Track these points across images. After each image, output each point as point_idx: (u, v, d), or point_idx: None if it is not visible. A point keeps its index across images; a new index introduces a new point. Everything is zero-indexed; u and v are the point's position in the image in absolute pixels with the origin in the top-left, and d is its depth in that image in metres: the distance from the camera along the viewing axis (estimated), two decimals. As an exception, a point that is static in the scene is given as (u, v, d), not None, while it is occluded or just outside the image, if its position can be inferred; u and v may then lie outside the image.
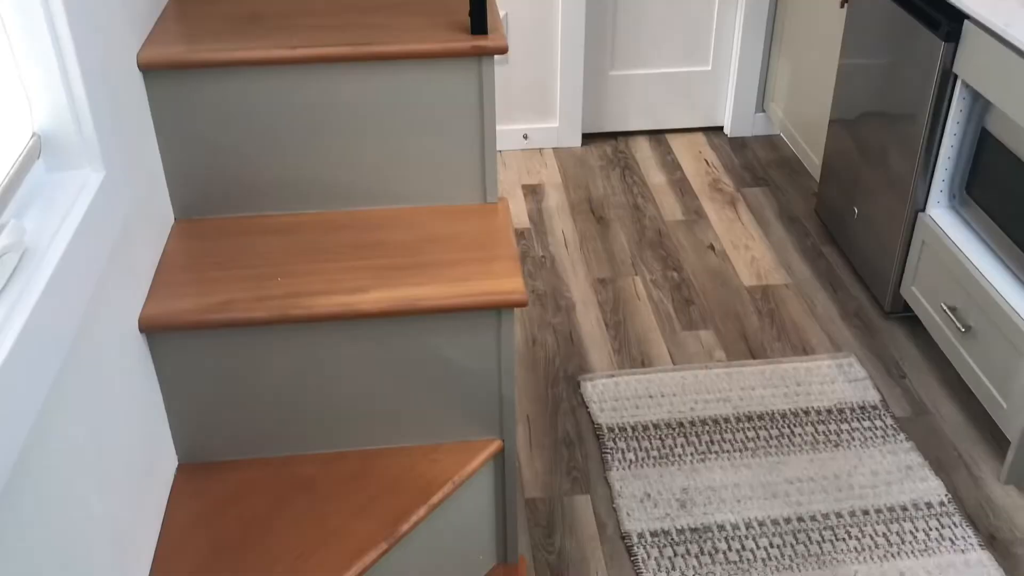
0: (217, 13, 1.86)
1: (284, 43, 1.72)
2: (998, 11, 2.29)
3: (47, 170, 1.43)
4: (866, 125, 2.86)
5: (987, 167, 2.44)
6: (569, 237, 3.18)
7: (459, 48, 1.72)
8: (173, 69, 1.70)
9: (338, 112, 1.77)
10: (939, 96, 2.48)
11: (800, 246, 3.13)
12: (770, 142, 3.74)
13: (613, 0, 3.52)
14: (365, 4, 1.89)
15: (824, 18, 3.15)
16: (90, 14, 1.44)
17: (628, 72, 3.67)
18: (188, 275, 1.69)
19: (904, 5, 2.61)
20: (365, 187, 1.85)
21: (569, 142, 3.72)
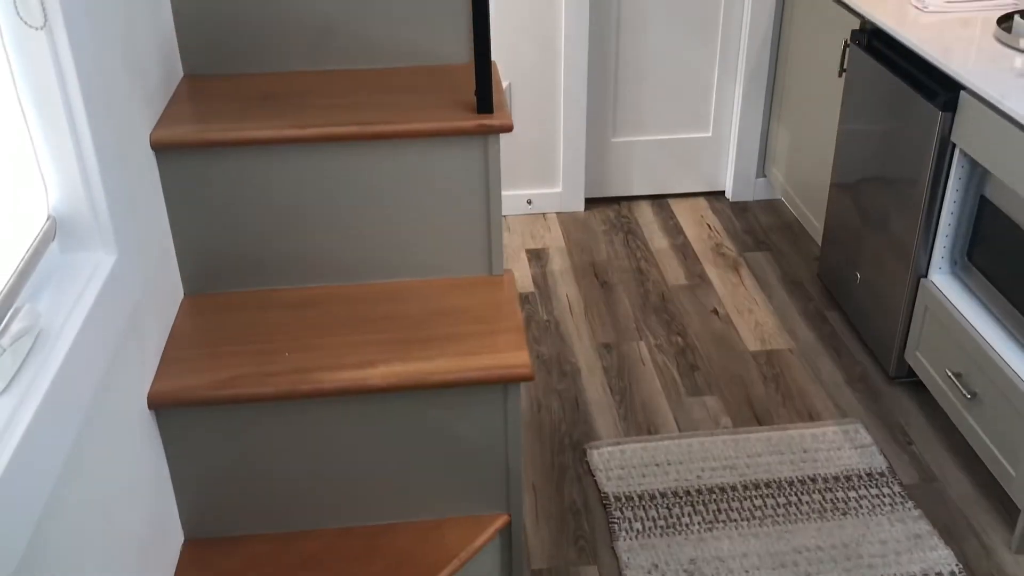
0: (229, 92, 1.90)
1: (295, 122, 1.76)
2: (993, 82, 2.33)
3: (61, 251, 1.46)
4: (866, 190, 2.89)
5: (987, 234, 2.47)
6: (573, 301, 3.20)
7: (465, 127, 1.76)
8: (185, 148, 1.73)
9: (347, 188, 1.80)
10: (938, 164, 2.52)
11: (803, 310, 3.14)
12: (772, 206, 3.78)
13: (614, 69, 3.58)
14: (374, 83, 1.94)
15: (822, 85, 3.20)
16: (106, 97, 1.48)
17: (630, 139, 3.72)
18: (197, 351, 1.71)
19: (901, 75, 2.66)
20: (373, 261, 1.87)
21: (572, 207, 3.76)
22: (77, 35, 1.36)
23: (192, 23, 1.92)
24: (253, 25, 1.94)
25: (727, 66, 3.63)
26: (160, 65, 1.82)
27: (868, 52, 2.84)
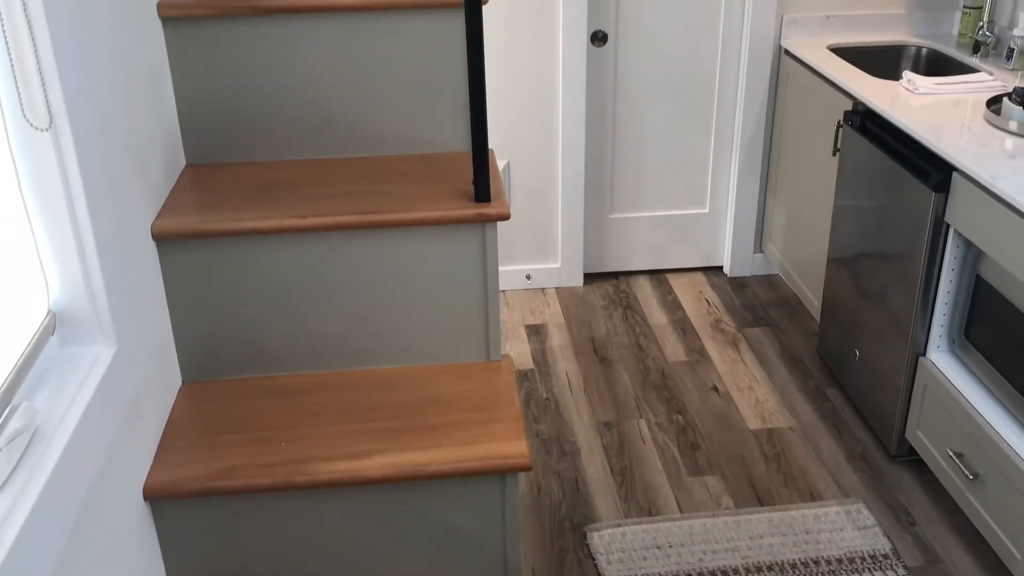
0: (231, 181, 1.93)
1: (295, 212, 1.78)
2: (985, 164, 2.36)
3: (60, 345, 1.46)
4: (863, 267, 2.91)
5: (984, 313, 2.47)
6: (573, 378, 3.20)
7: (463, 215, 1.78)
8: (186, 238, 1.75)
9: (346, 276, 1.82)
10: (933, 243, 2.54)
11: (803, 387, 3.14)
12: (769, 282, 3.80)
13: (611, 146, 3.63)
14: (374, 171, 1.97)
15: (817, 163, 3.25)
16: (109, 190, 1.50)
17: (628, 215, 3.76)
18: (193, 440, 1.70)
19: (894, 155, 2.70)
20: (371, 347, 1.88)
21: (571, 282, 3.78)
22: (82, 134, 1.39)
23: (196, 114, 1.96)
24: (256, 115, 1.97)
25: (722, 143, 3.68)
26: (163, 155, 1.86)
27: (861, 133, 2.89)
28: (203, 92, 1.94)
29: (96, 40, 1.51)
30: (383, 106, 2.00)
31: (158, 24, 1.86)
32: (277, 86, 1.96)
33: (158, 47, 1.86)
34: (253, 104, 1.97)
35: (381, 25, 1.93)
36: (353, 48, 1.94)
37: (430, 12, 1.92)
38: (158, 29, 1.86)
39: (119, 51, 1.62)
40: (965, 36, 3.32)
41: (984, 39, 3.18)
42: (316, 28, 1.92)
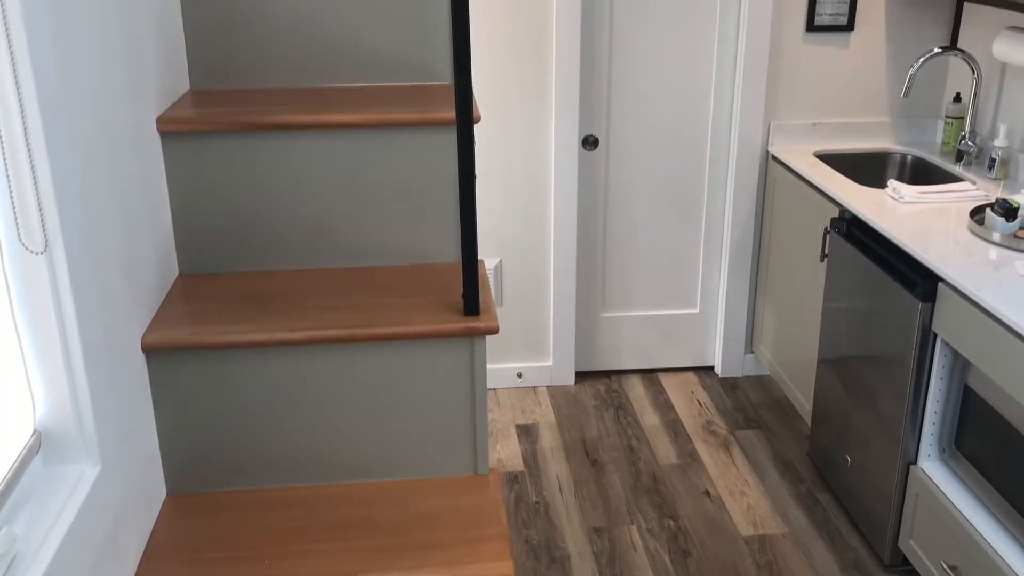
0: (223, 291, 1.95)
1: (286, 325, 1.79)
2: (970, 275, 2.39)
3: (44, 464, 1.46)
4: (853, 370, 2.92)
5: (974, 422, 2.47)
6: (564, 481, 3.17)
7: (452, 329, 1.79)
8: (176, 351, 1.76)
9: (334, 389, 1.82)
10: (921, 352, 2.55)
11: (795, 492, 3.11)
12: (761, 383, 3.80)
13: (602, 246, 3.68)
14: (364, 282, 1.99)
15: (805, 266, 3.29)
16: (100, 307, 1.51)
17: (619, 313, 3.78)
18: (177, 557, 1.68)
19: (881, 263, 2.73)
20: (358, 462, 1.87)
21: (563, 380, 3.78)
22: (76, 255, 1.41)
23: (190, 225, 1.98)
24: (250, 227, 2.00)
25: (712, 245, 3.73)
26: (156, 266, 1.88)
27: (848, 240, 2.93)
28: (198, 204, 1.97)
29: (94, 159, 1.54)
30: (375, 218, 2.03)
31: (156, 138, 1.90)
32: (271, 198, 1.99)
33: (156, 161, 1.89)
34: (247, 216, 2.00)
35: (374, 141, 1.97)
36: (346, 162, 1.98)
37: (422, 129, 1.97)
38: (156, 143, 1.90)
39: (117, 167, 1.65)
40: (948, 145, 3.40)
41: (967, 148, 3.25)
42: (310, 143, 1.96)
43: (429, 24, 2.16)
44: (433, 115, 1.95)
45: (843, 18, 3.43)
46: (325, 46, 2.16)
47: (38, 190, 1.33)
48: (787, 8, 3.41)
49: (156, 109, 1.91)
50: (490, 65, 3.35)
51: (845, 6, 3.42)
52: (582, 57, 3.42)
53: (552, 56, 3.36)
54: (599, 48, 3.44)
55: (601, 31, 3.41)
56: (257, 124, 1.92)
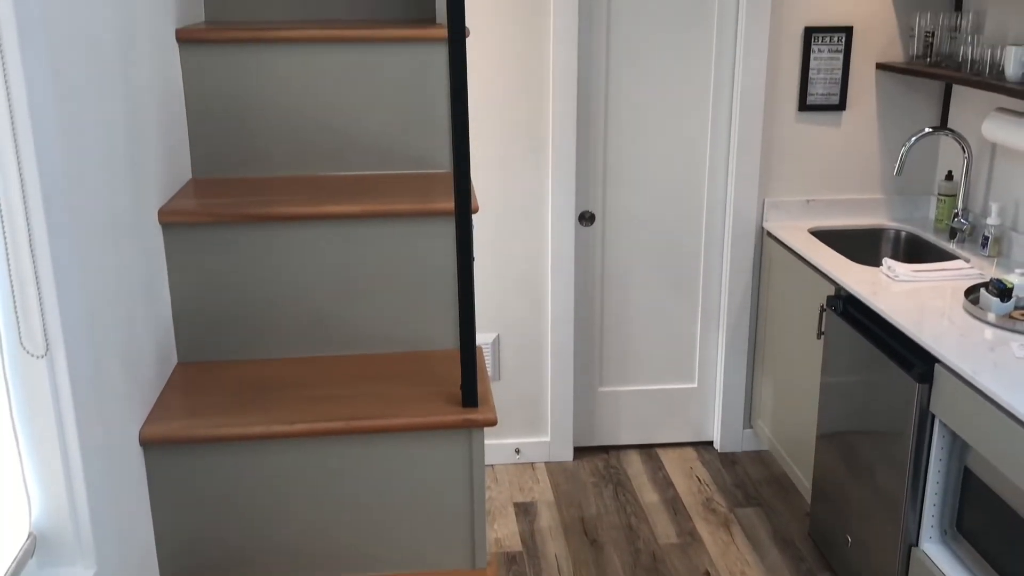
0: (221, 381, 1.95)
1: (283, 418, 1.79)
2: (967, 357, 2.40)
3: (39, 566, 1.45)
4: (852, 447, 2.91)
5: (974, 504, 2.46)
6: (562, 562, 3.13)
7: (450, 421, 1.79)
8: (173, 444, 1.76)
9: (331, 481, 1.81)
10: (919, 432, 2.55)
11: (796, 572, 3.08)
12: (760, 458, 3.78)
13: (599, 320, 3.69)
14: (363, 370, 1.99)
15: (802, 343, 3.30)
16: (98, 405, 1.51)
17: (617, 388, 3.78)
18: (170, 656, 1.65)
19: (877, 343, 2.74)
20: (354, 555, 1.85)
21: (561, 456, 3.76)
22: (76, 356, 1.42)
23: (190, 315, 1.99)
24: (249, 315, 2.01)
25: (709, 320, 3.74)
26: (156, 357, 1.88)
27: (844, 318, 2.94)
28: (198, 293, 1.98)
29: (96, 256, 1.56)
30: (374, 306, 2.04)
31: (158, 230, 1.92)
32: (271, 288, 2.00)
33: (157, 252, 1.91)
34: (246, 304, 2.01)
35: (373, 231, 1.99)
36: (345, 252, 2.00)
37: (421, 219, 1.99)
38: (158, 235, 1.92)
39: (118, 261, 1.67)
40: (942, 222, 3.44)
41: (960, 226, 3.29)
42: (309, 234, 1.98)
43: (428, 113, 2.20)
44: (432, 206, 1.97)
45: (835, 98, 3.50)
46: (326, 135, 2.19)
47: (40, 293, 1.34)
48: (779, 87, 3.47)
49: (158, 200, 1.94)
50: (488, 141, 3.40)
51: (836, 86, 3.48)
52: (578, 134, 3.47)
53: (549, 133, 3.42)
54: (595, 125, 3.49)
55: (597, 109, 3.47)
56: (256, 216, 1.95)
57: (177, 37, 2.10)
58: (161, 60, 1.98)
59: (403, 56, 2.16)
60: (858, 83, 3.49)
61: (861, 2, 3.42)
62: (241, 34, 2.12)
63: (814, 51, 3.44)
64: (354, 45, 2.15)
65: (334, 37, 2.14)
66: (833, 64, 3.46)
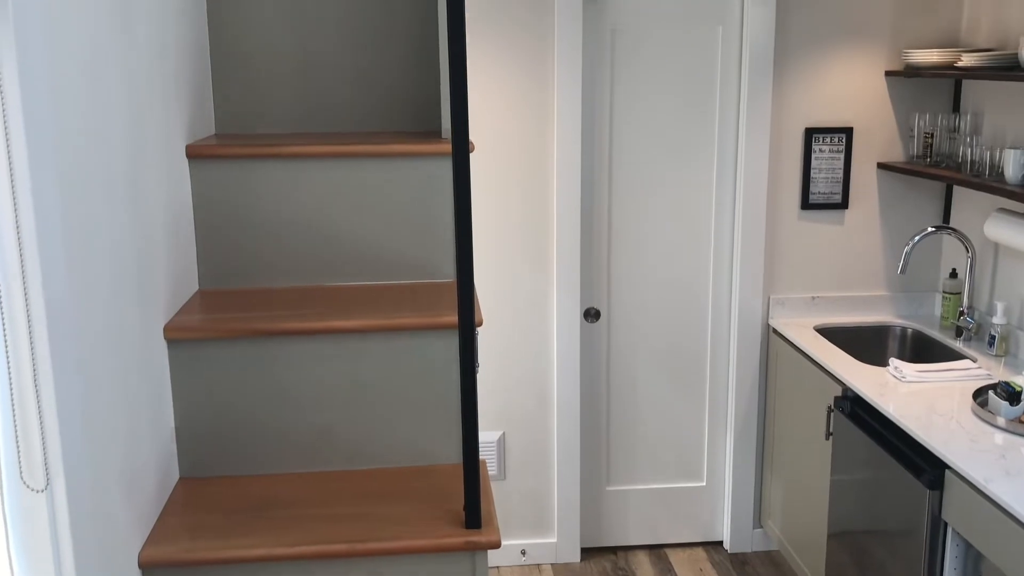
0: (224, 499, 1.93)
1: (286, 540, 1.77)
2: (978, 463, 2.37)
3: None
4: (864, 548, 2.85)
5: (992, 617, 2.40)
6: (570, 670, 3.06)
7: (453, 544, 1.77)
8: (173, 567, 1.73)
9: (332, 604, 1.78)
10: (932, 538, 2.50)
11: None
12: (771, 559, 3.71)
13: (606, 419, 3.67)
14: (367, 488, 1.97)
15: (810, 442, 3.26)
16: (97, 531, 1.50)
17: (624, 487, 3.73)
18: None
19: (886, 447, 2.71)
20: None
21: (568, 557, 3.69)
22: (76, 488, 1.41)
23: (193, 431, 1.99)
24: (252, 429, 2.01)
25: (717, 417, 3.71)
26: (157, 473, 1.87)
27: (852, 419, 2.92)
28: (202, 409, 1.98)
29: (100, 379, 1.56)
30: (378, 421, 2.03)
31: (163, 346, 1.93)
32: (275, 402, 2.00)
33: (161, 368, 1.91)
34: (250, 419, 2.00)
35: (377, 345, 2.00)
36: (350, 366, 2.00)
37: (425, 334, 2.00)
38: (163, 351, 1.93)
39: (122, 381, 1.67)
40: (947, 320, 3.43)
41: (965, 324, 3.28)
42: (314, 348, 1.99)
43: (432, 224, 2.23)
44: (436, 320, 1.98)
45: (836, 196, 3.53)
46: (332, 246, 2.22)
47: (43, 426, 1.34)
48: (781, 186, 3.51)
49: (164, 316, 1.95)
50: (492, 239, 3.43)
51: (838, 185, 3.52)
52: (582, 231, 3.50)
53: (553, 231, 3.45)
54: (599, 223, 3.52)
55: (600, 207, 3.51)
56: (262, 331, 1.95)
57: (187, 153, 2.14)
58: (171, 176, 2.02)
59: (408, 170, 2.20)
60: (860, 182, 3.53)
61: (860, 103, 3.47)
62: (249, 150, 2.16)
63: (815, 151, 3.49)
64: (360, 160, 2.18)
65: (340, 152, 2.18)
66: (834, 163, 3.50)
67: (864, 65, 3.45)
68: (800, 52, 3.43)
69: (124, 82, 1.73)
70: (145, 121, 1.85)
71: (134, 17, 1.81)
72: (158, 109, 1.94)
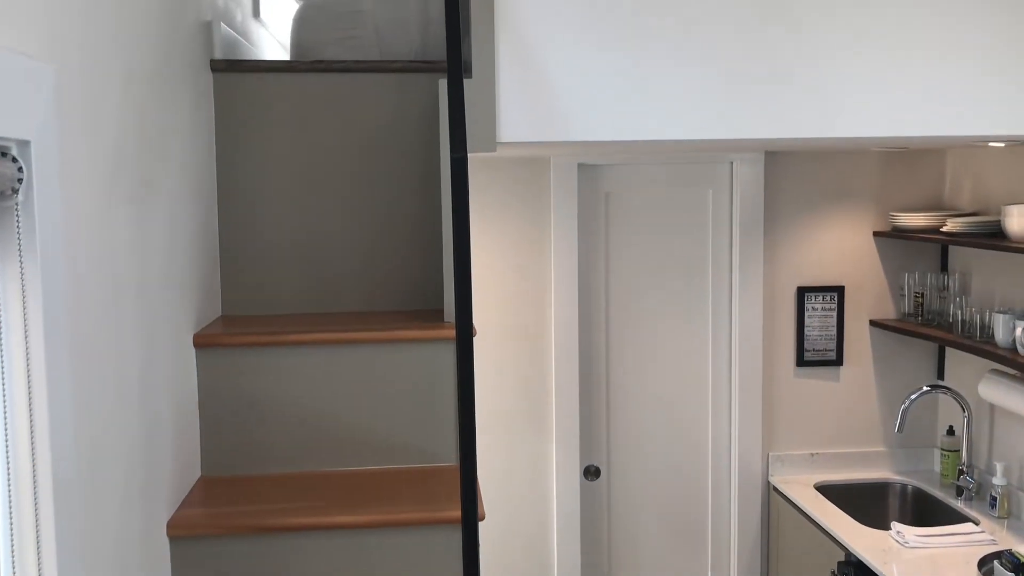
0: None
1: None
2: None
3: None
4: None
5: None
6: None
7: None
8: None
9: None
10: None
11: None
12: None
13: (607, 574, 3.63)
14: None
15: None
16: None
17: (628, 650, 3.66)
18: None
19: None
20: None
21: None
22: None
23: None
24: None
25: (719, 575, 3.66)
26: None
27: (857, 589, 2.89)
28: None
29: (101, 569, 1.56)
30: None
31: (165, 543, 1.93)
32: (276, 597, 1.98)
33: (163, 564, 1.91)
34: None
35: (378, 539, 1.99)
36: (350, 561, 1.99)
37: (423, 529, 2.00)
38: (165, 548, 1.92)
39: None
40: (947, 477, 3.43)
41: (966, 484, 3.28)
42: (315, 543, 1.98)
43: (434, 408, 2.25)
44: (437, 515, 1.99)
45: (831, 353, 3.58)
46: (334, 432, 2.23)
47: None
48: (777, 343, 3.56)
49: (168, 510, 1.95)
50: (491, 398, 3.45)
51: (832, 342, 3.57)
52: (581, 391, 3.52)
53: (552, 392, 3.47)
54: (597, 382, 3.55)
55: (599, 367, 3.55)
56: (264, 527, 1.96)
57: (195, 342, 2.18)
58: (178, 367, 2.05)
59: (411, 354, 2.24)
60: (853, 339, 3.58)
61: (851, 262, 3.56)
62: (254, 338, 2.20)
63: (808, 309, 3.56)
64: (363, 346, 2.23)
65: (343, 340, 2.22)
66: (827, 321, 3.56)
67: (853, 226, 3.55)
68: (790, 213, 3.53)
69: (136, 279, 1.78)
70: (156, 315, 1.90)
71: (150, 213, 1.87)
72: (168, 302, 1.99)
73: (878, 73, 2.32)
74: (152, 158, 1.90)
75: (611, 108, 2.25)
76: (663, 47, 2.22)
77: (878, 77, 2.32)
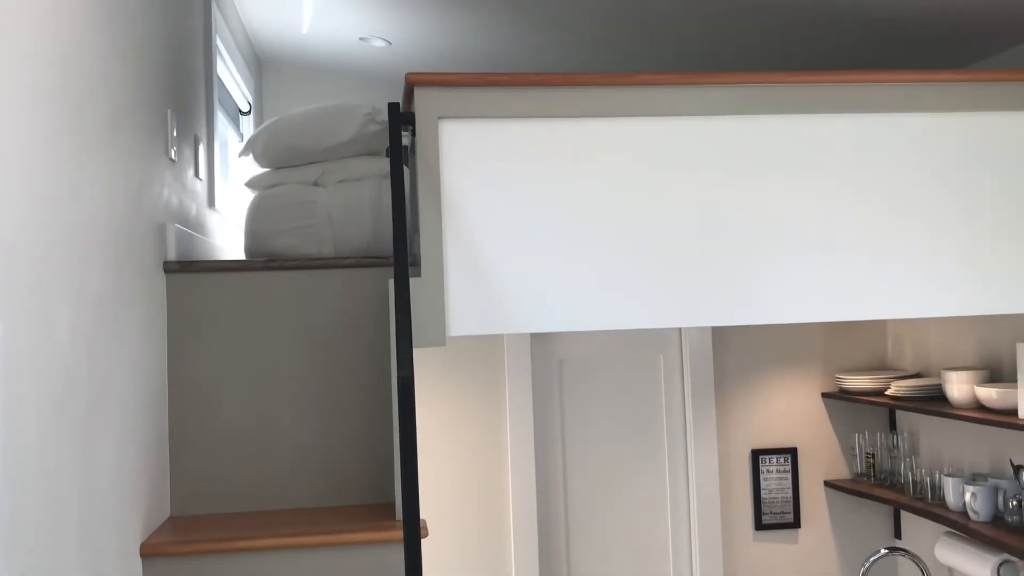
0: None
1: None
2: None
3: None
4: None
5: None
6: None
7: None
8: None
9: None
10: None
11: None
12: None
13: None
14: None
15: None
16: None
17: None
18: None
19: None
20: None
21: None
22: None
23: None
24: None
25: None
26: None
27: None
28: None
29: None
30: None
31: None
32: None
33: None
34: None
35: None
36: None
37: None
38: None
39: None
40: (911, 642, 3.39)
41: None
42: None
43: None
44: None
45: (788, 516, 3.58)
46: None
47: None
48: (734, 506, 3.56)
49: None
50: None
51: (789, 504, 3.58)
52: (540, 560, 3.47)
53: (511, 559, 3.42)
54: (557, 550, 3.51)
55: (558, 533, 3.51)
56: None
57: (141, 552, 2.14)
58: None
59: (363, 557, 2.21)
60: (809, 500, 3.60)
61: (802, 424, 3.61)
62: (203, 546, 2.17)
63: (763, 471, 3.58)
64: (314, 550, 2.20)
65: (294, 544, 2.19)
66: (783, 483, 3.58)
67: (801, 387, 3.62)
68: (739, 377, 3.59)
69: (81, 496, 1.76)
70: (102, 528, 1.87)
71: (99, 426, 1.86)
72: (115, 512, 1.96)
73: (810, 260, 2.40)
74: (103, 371, 1.91)
75: (553, 301, 2.30)
76: (597, 249, 2.30)
77: (810, 262, 2.39)
